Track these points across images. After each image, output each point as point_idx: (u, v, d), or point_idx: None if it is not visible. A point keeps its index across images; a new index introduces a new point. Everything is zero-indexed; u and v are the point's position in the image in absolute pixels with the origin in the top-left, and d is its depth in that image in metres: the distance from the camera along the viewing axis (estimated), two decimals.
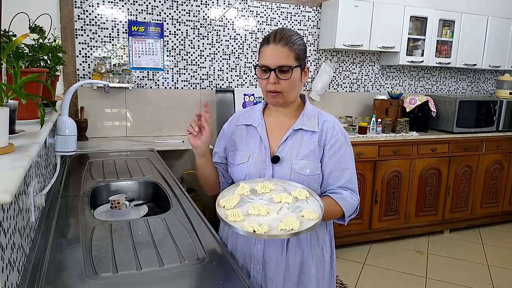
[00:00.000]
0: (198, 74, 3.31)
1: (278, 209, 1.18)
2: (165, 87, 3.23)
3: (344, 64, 3.86)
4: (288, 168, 1.31)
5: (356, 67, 3.92)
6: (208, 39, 3.30)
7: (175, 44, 3.20)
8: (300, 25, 3.60)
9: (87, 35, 2.95)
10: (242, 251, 1.34)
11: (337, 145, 1.32)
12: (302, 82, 1.34)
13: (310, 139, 1.33)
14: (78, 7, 2.89)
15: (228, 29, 3.35)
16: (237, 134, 1.42)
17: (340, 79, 3.88)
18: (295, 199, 1.22)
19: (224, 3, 3.30)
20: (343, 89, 3.91)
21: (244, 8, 3.38)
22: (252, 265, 1.32)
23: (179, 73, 3.25)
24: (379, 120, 3.57)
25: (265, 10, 3.45)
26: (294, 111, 1.38)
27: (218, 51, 3.35)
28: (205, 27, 3.27)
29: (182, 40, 3.22)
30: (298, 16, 3.57)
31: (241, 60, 3.44)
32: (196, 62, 3.30)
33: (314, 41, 3.68)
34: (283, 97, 1.29)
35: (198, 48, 3.28)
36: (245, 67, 3.46)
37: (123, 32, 3.04)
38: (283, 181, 1.29)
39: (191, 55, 3.27)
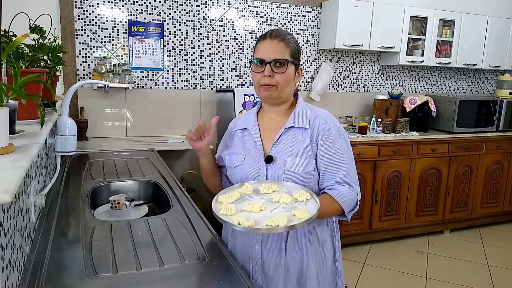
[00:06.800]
0: (198, 74, 3.31)
1: (273, 208, 1.17)
2: (165, 87, 3.23)
3: (344, 64, 3.86)
4: (281, 167, 1.31)
5: (356, 67, 3.92)
6: (208, 39, 3.30)
7: (175, 44, 3.20)
8: (300, 25, 3.60)
9: (87, 35, 2.95)
10: (241, 252, 1.35)
11: (330, 140, 1.31)
12: (295, 82, 1.35)
13: (302, 136, 1.32)
14: (78, 7, 2.89)
15: (228, 29, 3.35)
16: (235, 139, 1.44)
17: (340, 79, 3.88)
18: (294, 200, 1.20)
19: (224, 3, 3.30)
20: (343, 89, 3.91)
21: (244, 8, 3.37)
22: (251, 266, 1.33)
23: (179, 73, 3.25)
24: (379, 120, 3.57)
25: (265, 10, 3.45)
26: (286, 109, 1.38)
27: (218, 51, 3.35)
28: (205, 27, 3.27)
29: (182, 40, 3.22)
30: (298, 16, 3.57)
31: (241, 60, 3.44)
32: (196, 62, 3.30)
33: (314, 41, 3.68)
34: (277, 90, 1.29)
35: (198, 48, 3.28)
36: (245, 67, 3.46)
37: (123, 32, 3.04)
38: (288, 183, 1.28)
39: (191, 55, 3.27)
